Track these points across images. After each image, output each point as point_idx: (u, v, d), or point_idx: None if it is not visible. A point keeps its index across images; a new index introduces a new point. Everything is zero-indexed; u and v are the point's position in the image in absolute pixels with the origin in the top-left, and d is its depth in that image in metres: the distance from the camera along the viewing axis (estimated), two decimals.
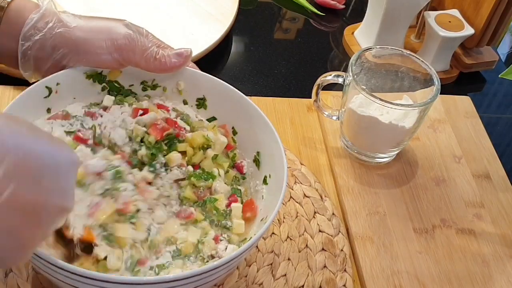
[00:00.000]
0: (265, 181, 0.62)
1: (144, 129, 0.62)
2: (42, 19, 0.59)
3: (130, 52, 0.60)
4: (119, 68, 0.63)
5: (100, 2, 0.92)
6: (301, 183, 0.74)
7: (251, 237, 0.57)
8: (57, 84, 0.61)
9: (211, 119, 0.67)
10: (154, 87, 0.66)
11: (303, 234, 0.69)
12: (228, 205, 0.60)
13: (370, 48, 0.76)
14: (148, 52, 0.61)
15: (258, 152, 0.63)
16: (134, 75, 0.65)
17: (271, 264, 0.66)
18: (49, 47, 0.60)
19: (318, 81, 0.76)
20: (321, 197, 0.73)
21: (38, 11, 0.60)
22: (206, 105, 0.66)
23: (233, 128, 0.65)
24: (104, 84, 0.64)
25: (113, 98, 0.64)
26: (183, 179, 0.61)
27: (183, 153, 0.62)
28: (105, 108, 0.63)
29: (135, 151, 0.61)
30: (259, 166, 0.63)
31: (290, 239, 0.68)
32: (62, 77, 0.61)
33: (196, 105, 0.67)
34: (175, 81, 0.66)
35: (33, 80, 0.62)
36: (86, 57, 0.61)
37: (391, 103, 0.70)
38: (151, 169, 0.60)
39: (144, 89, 0.66)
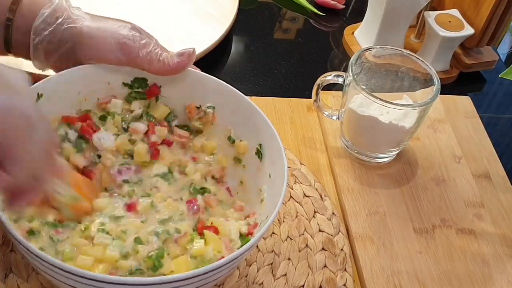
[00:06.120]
0: None
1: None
2: (53, 14, 0.61)
3: (133, 53, 0.61)
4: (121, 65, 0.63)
5: (100, 2, 0.92)
6: (301, 183, 0.74)
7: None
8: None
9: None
10: None
11: (303, 234, 0.69)
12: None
13: (370, 48, 0.76)
14: (151, 54, 0.61)
15: (258, 150, 0.63)
16: None
17: (271, 264, 0.66)
18: (57, 41, 0.61)
19: (318, 81, 0.76)
20: (321, 196, 0.73)
21: (49, 6, 0.61)
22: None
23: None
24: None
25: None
26: None
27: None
28: None
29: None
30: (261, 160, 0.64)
31: (290, 238, 0.68)
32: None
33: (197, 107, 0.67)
34: (176, 83, 0.65)
35: (45, 71, 0.64)
36: (90, 53, 0.61)
37: (391, 103, 0.70)
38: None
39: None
